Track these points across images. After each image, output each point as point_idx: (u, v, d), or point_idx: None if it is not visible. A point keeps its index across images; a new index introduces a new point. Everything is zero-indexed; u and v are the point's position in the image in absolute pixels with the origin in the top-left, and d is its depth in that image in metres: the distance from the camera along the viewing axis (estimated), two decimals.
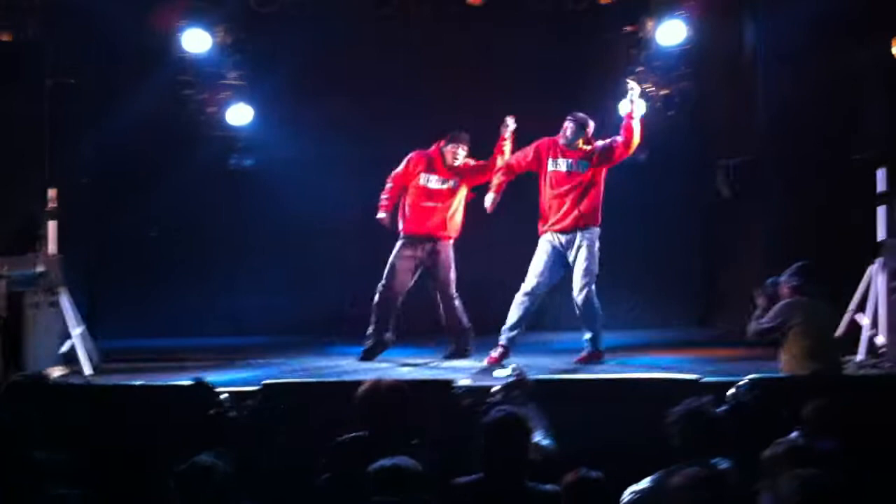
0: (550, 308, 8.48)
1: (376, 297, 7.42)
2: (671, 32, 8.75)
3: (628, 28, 9.09)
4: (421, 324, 7.97)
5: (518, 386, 4.92)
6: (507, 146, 7.41)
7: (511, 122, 7.39)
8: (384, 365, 7.09)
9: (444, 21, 9.13)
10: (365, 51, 9.26)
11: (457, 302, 7.48)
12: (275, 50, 9.10)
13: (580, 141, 7.16)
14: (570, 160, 7.14)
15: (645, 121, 7.17)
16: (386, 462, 3.64)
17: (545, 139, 7.29)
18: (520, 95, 9.05)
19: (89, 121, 8.65)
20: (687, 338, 8.19)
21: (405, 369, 6.87)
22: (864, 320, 6.77)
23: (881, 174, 6.91)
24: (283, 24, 9.01)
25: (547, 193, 7.18)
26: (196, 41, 8.70)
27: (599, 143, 7.18)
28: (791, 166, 8.10)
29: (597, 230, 7.11)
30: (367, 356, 7.34)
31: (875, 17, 7.23)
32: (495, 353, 7.05)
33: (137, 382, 6.00)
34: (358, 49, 9.25)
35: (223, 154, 9.21)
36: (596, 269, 7.08)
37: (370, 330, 7.42)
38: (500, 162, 7.37)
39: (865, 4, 7.24)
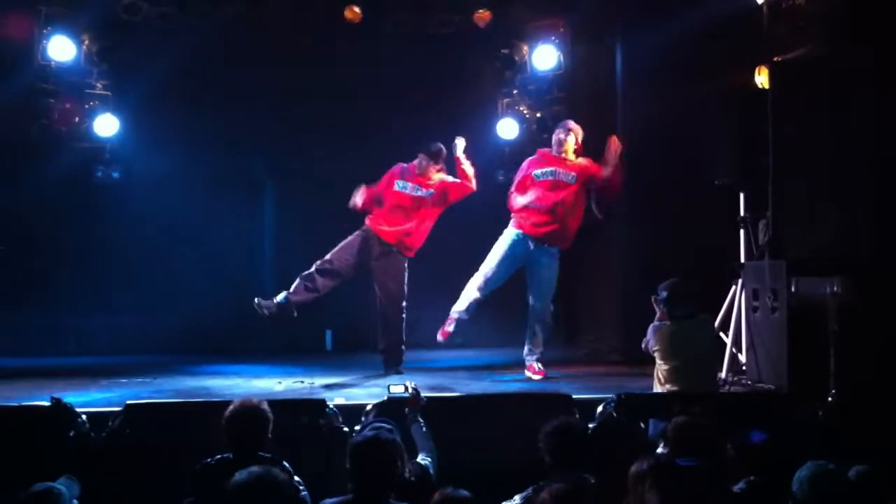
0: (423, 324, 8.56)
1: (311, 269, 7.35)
2: (545, 57, 9.01)
3: (504, 51, 9.27)
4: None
5: (410, 404, 4.89)
6: (466, 164, 7.44)
7: (460, 142, 7.43)
8: (260, 383, 6.98)
9: (316, 38, 9.05)
10: (233, 64, 9.11)
11: (403, 316, 7.45)
12: (142, 60, 8.82)
13: (570, 150, 7.29)
14: (556, 169, 7.23)
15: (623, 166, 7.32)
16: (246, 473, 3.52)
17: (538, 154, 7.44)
18: (393, 114, 9.10)
19: None
20: (553, 356, 8.31)
21: (280, 387, 6.76)
22: (727, 339, 7.02)
23: (742, 199, 7.20)
24: (150, 34, 8.76)
25: (529, 198, 7.24)
26: (60, 49, 8.41)
27: (588, 161, 7.31)
28: (648, 190, 8.35)
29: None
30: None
31: (732, 48, 7.54)
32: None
33: None
34: (226, 62, 9.09)
35: (85, 166, 8.88)
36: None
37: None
38: (470, 183, 7.42)
39: (723, 36, 7.54)
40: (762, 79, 7.17)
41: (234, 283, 9.08)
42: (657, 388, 5.93)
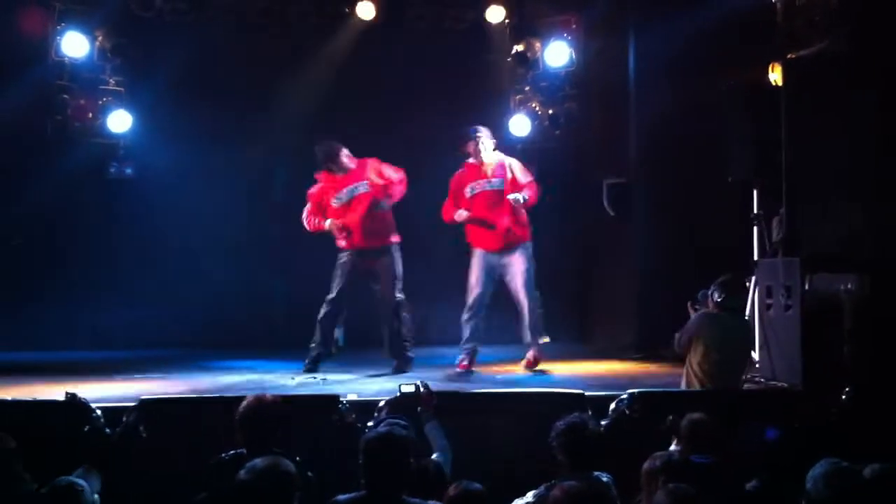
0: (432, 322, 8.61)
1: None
2: (557, 54, 9.02)
3: (517, 48, 9.26)
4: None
5: (423, 403, 4.90)
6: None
7: None
8: (273, 378, 7.00)
9: (329, 35, 9.07)
10: (247, 61, 9.13)
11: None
12: (155, 55, 8.84)
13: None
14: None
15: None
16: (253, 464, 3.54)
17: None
18: (406, 110, 9.12)
19: None
20: (569, 353, 8.30)
21: (293, 383, 6.77)
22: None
23: (756, 195, 7.18)
24: (163, 30, 8.79)
25: None
26: (74, 45, 8.46)
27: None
28: (661, 187, 8.33)
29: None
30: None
31: (746, 45, 7.53)
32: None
33: (7, 398, 5.70)
34: (240, 59, 9.11)
35: (98, 161, 8.91)
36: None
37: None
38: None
39: (737, 32, 7.52)
40: (776, 76, 7.16)
41: (248, 278, 9.12)
42: (693, 383, 5.86)
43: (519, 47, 9.24)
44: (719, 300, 5.94)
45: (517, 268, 7.24)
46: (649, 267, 8.37)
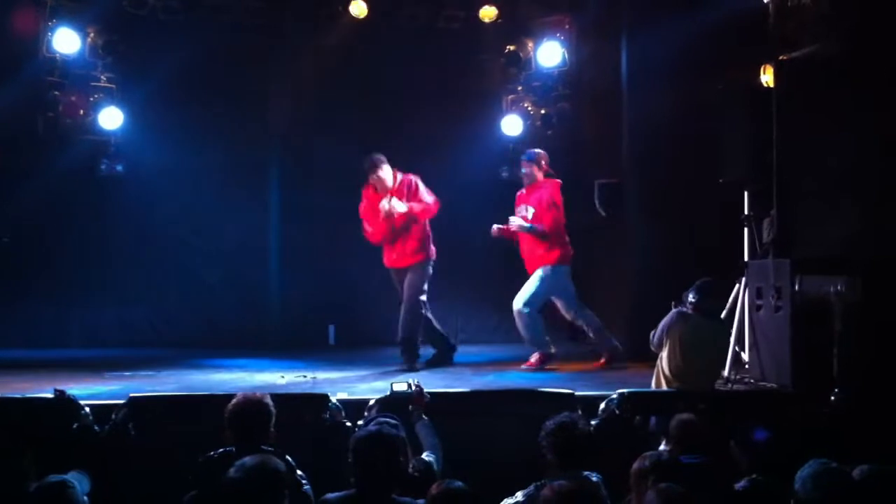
0: None
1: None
2: (550, 54, 9.02)
3: (510, 48, 9.26)
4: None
5: (415, 401, 4.89)
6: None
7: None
8: (263, 377, 6.98)
9: (321, 34, 9.05)
10: (239, 59, 9.09)
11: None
12: (147, 53, 8.81)
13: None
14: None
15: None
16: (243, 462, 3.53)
17: None
18: (398, 109, 9.11)
19: None
20: (562, 353, 8.30)
21: (283, 381, 6.76)
22: (731, 337, 6.99)
23: (747, 197, 7.19)
24: (156, 27, 8.76)
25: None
26: (65, 41, 8.43)
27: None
28: (654, 187, 8.34)
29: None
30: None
31: (739, 46, 7.54)
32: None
33: None
34: (232, 57, 9.06)
35: (89, 159, 8.87)
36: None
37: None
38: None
39: (730, 33, 7.53)
40: (768, 77, 7.17)
41: (239, 276, 9.11)
42: (661, 382, 5.91)
43: (511, 47, 9.26)
44: (693, 301, 6.01)
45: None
46: (643, 267, 8.35)
